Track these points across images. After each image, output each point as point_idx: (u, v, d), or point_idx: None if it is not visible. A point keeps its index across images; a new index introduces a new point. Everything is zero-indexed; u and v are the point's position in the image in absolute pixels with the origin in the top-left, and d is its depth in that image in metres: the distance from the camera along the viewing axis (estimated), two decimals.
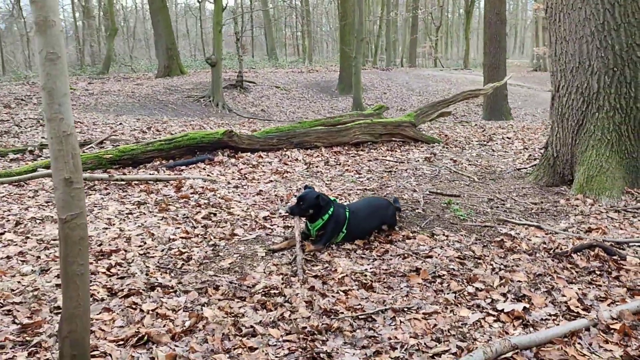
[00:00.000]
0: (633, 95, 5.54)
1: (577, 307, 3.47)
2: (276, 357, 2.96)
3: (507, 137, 9.95)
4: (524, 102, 24.38)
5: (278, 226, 5.10)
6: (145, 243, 4.67)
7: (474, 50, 49.80)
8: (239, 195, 6.15)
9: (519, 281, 3.82)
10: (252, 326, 3.29)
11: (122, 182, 6.54)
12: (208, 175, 6.99)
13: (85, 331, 2.66)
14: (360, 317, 3.41)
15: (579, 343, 3.04)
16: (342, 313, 3.45)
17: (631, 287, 3.73)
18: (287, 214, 4.55)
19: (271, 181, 6.74)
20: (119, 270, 4.10)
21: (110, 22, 28.34)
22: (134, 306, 3.52)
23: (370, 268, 4.13)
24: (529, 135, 10.24)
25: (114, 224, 5.18)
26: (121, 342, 3.09)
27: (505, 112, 16.54)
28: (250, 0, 37.38)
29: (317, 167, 7.51)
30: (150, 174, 6.95)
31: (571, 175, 6.00)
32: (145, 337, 3.10)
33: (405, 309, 3.50)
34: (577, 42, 5.71)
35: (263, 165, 7.50)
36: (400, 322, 3.34)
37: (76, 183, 2.55)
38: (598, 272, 3.97)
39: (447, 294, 3.69)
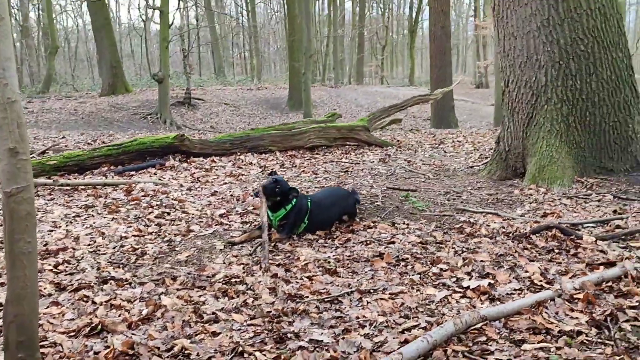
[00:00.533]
0: (579, 87, 5.74)
1: (541, 281, 3.49)
2: (241, 339, 2.82)
3: (458, 141, 10.15)
4: (469, 115, 25.04)
5: (236, 222, 4.96)
6: (95, 242, 4.44)
7: (418, 69, 51.03)
8: (192, 197, 5.96)
9: (482, 261, 3.82)
10: (214, 313, 3.13)
11: (68, 188, 6.23)
12: (159, 179, 6.76)
13: (33, 314, 2.45)
14: (326, 300, 3.31)
15: (545, 312, 3.03)
16: (307, 297, 3.34)
17: (590, 263, 3.78)
18: (257, 190, 4.43)
19: (225, 183, 6.58)
20: (67, 267, 3.86)
21: (50, 39, 27.45)
22: (85, 299, 3.30)
23: (334, 255, 4.05)
24: (478, 138, 10.48)
25: (60, 227, 4.90)
26: (72, 334, 2.88)
27: (453, 122, 16.93)
28: (196, 18, 37.12)
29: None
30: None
31: (523, 168, 6.14)
32: (99, 327, 2.90)
33: (372, 291, 3.43)
34: (524, 38, 5.90)
35: (217, 169, 7.33)
36: (367, 302, 3.26)
37: (22, 154, 2.38)
38: (557, 251, 4.03)
39: (412, 275, 3.65)
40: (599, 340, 2.73)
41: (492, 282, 3.48)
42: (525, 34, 5.88)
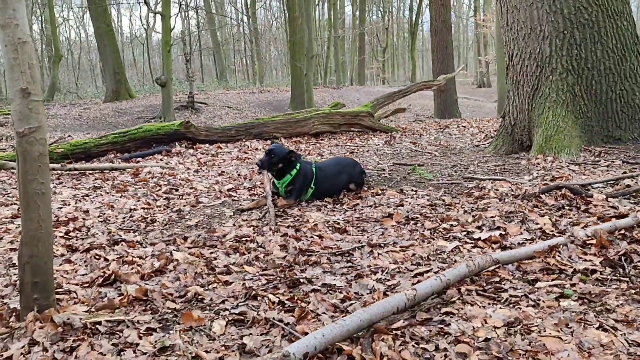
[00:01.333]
0: (584, 56, 5.73)
1: (552, 231, 3.47)
2: (254, 286, 2.81)
3: (463, 126, 10.15)
4: (472, 112, 24.99)
5: (244, 195, 4.96)
6: (104, 213, 4.45)
7: (419, 71, 51.04)
8: (200, 177, 5.97)
9: (492, 217, 3.80)
10: (225, 266, 3.14)
11: (76, 172, 6.25)
12: (166, 164, 6.77)
13: (47, 256, 2.45)
14: (336, 253, 3.31)
15: (558, 256, 3.02)
16: (318, 252, 3.34)
17: (601, 217, 3.75)
18: (257, 167, 4.44)
19: (232, 166, 6.59)
20: (78, 234, 3.88)
21: (53, 49, 27.61)
22: (97, 257, 3.31)
23: (343, 217, 4.04)
24: (483, 123, 10.48)
25: (69, 204, 4.91)
26: (86, 285, 2.88)
27: (456, 114, 16.88)
28: (197, 25, 37.29)
29: None
30: None
31: (529, 141, 6.11)
32: (112, 277, 2.91)
33: (382, 245, 3.42)
34: (527, 9, 5.89)
35: (223, 155, 7.34)
36: (379, 254, 3.26)
37: (34, 95, 2.40)
38: (567, 208, 3.99)
39: (423, 231, 3.64)
40: (614, 277, 2.72)
41: (503, 233, 3.47)
42: (528, 6, 5.87)
